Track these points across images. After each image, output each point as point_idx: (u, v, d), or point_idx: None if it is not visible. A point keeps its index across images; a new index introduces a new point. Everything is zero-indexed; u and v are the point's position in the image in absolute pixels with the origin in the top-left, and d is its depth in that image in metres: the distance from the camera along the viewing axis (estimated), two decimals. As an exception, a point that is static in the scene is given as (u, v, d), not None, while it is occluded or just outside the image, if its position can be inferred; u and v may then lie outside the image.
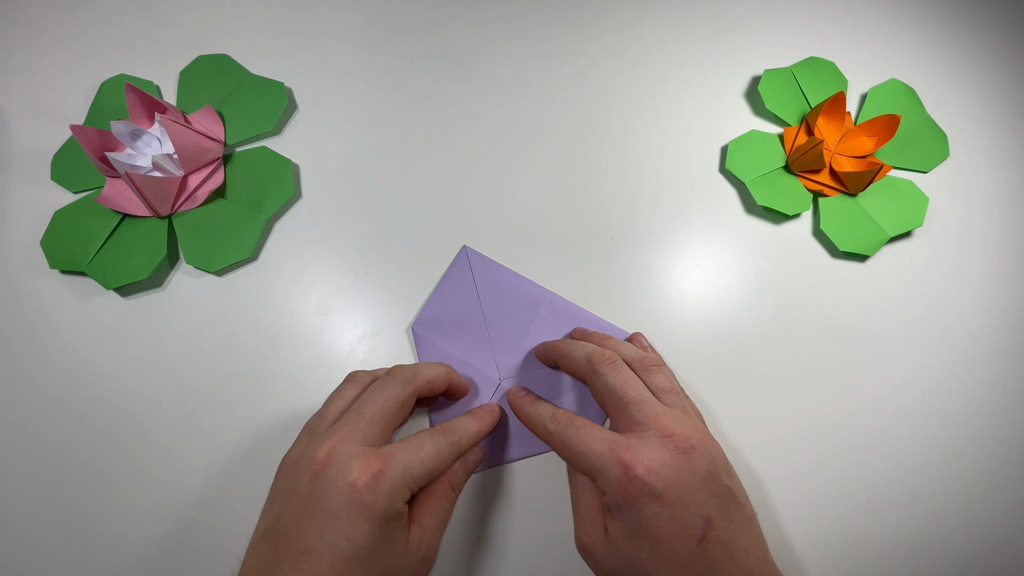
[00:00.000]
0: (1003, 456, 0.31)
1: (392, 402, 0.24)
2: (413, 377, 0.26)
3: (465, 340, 0.31)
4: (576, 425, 0.24)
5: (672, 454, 0.22)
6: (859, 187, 0.34)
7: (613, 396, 0.24)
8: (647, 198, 0.35)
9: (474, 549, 0.29)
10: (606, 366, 0.25)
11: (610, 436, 0.23)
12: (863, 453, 0.31)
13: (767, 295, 0.33)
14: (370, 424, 0.23)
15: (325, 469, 0.22)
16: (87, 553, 0.28)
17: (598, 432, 0.24)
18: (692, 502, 0.21)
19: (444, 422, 0.26)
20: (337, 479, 0.21)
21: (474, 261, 0.33)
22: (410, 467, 0.22)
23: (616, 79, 0.38)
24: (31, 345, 0.32)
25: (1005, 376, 0.33)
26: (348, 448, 0.22)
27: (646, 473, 0.21)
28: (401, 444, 0.23)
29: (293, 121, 0.37)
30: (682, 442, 0.22)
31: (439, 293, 0.32)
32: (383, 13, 0.39)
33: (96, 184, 0.34)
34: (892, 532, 0.30)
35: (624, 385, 0.24)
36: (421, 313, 0.32)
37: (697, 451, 0.22)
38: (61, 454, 0.30)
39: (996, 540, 0.30)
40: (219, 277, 0.33)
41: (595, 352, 0.26)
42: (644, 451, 0.22)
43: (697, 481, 0.22)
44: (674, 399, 0.25)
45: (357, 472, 0.21)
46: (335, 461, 0.22)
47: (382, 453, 0.22)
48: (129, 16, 0.39)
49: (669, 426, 0.23)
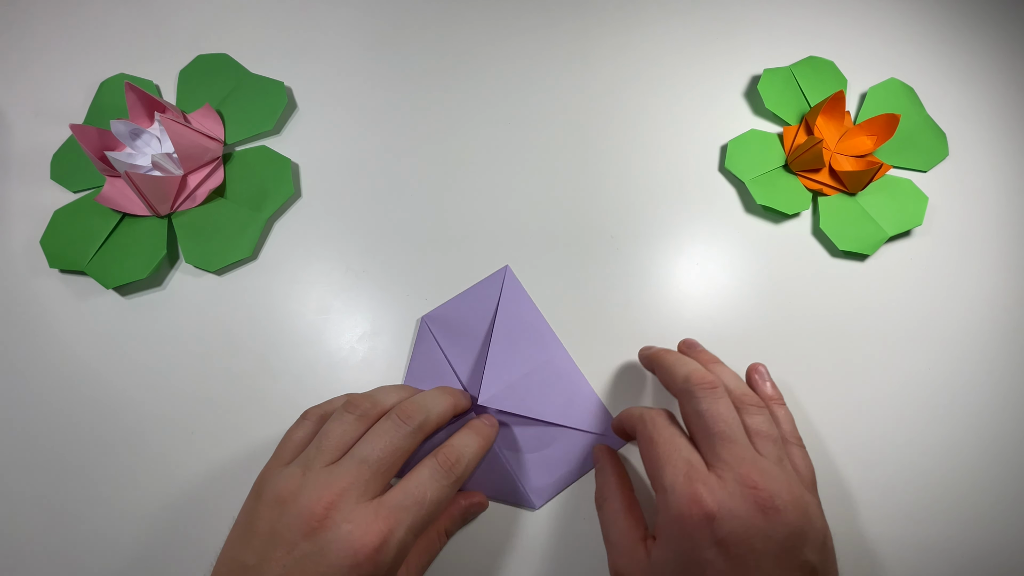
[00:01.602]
0: (1002, 455, 0.31)
1: (400, 452, 0.23)
2: (425, 422, 0.24)
3: (462, 352, 0.31)
4: (669, 431, 0.23)
5: (748, 508, 0.20)
6: (858, 186, 0.34)
7: (702, 424, 0.22)
8: (647, 197, 0.35)
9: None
10: (703, 390, 0.23)
11: (692, 458, 0.21)
12: (862, 452, 0.31)
13: (766, 294, 0.33)
14: (374, 476, 0.22)
15: (324, 529, 0.20)
16: (86, 553, 0.28)
17: (686, 449, 0.22)
18: (756, 568, 0.19)
19: (442, 447, 0.24)
20: (339, 544, 0.20)
21: (508, 284, 0.32)
22: (414, 526, 0.21)
23: (616, 78, 0.38)
24: (30, 344, 0.32)
25: (1004, 375, 0.33)
26: (349, 507, 0.21)
27: (717, 510, 0.19)
28: (402, 492, 0.22)
29: (293, 121, 0.37)
30: (764, 499, 0.20)
31: (462, 298, 0.32)
32: (383, 13, 0.39)
33: (96, 183, 0.34)
34: (892, 532, 0.30)
35: (716, 416, 0.22)
36: (437, 309, 0.32)
37: (780, 514, 0.20)
38: (59, 453, 0.30)
39: (996, 540, 0.30)
40: (219, 276, 0.33)
41: (696, 372, 0.24)
42: (720, 493, 0.20)
43: (769, 548, 0.19)
44: (769, 447, 0.22)
45: (361, 538, 0.20)
46: (336, 522, 0.20)
47: (383, 512, 0.21)
48: (129, 16, 0.39)
49: (754, 476, 0.20)
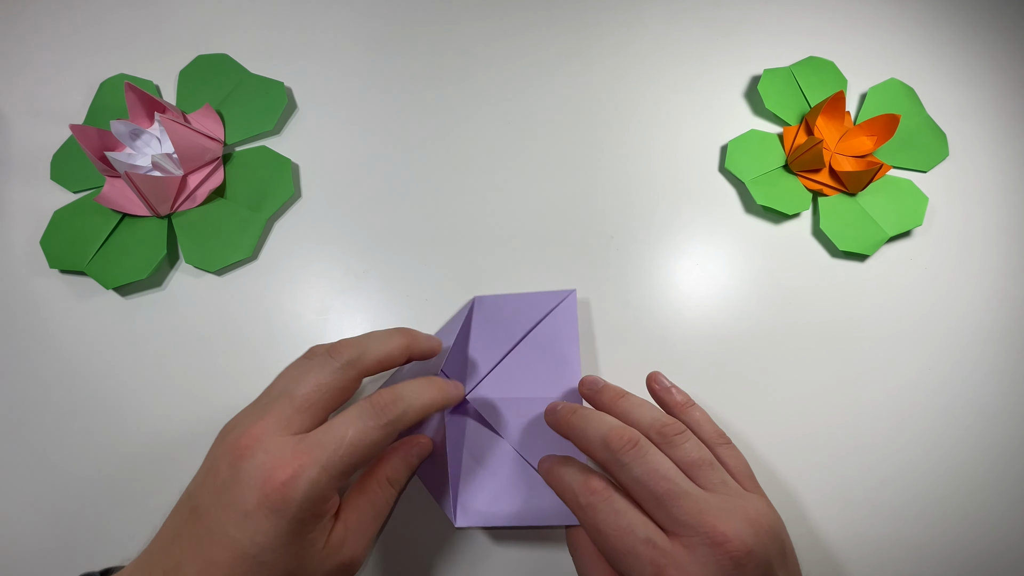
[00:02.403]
0: (1003, 455, 0.31)
1: (324, 388, 0.22)
2: (357, 359, 0.23)
3: (485, 344, 0.30)
4: (614, 508, 0.21)
5: (726, 570, 0.19)
6: (859, 187, 0.34)
7: (644, 490, 0.21)
8: (647, 197, 0.35)
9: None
10: (627, 453, 0.22)
11: (654, 538, 0.20)
12: (862, 452, 0.31)
13: (766, 295, 0.33)
14: (298, 412, 0.22)
15: (243, 458, 0.20)
16: (86, 554, 0.28)
17: (640, 527, 0.21)
18: None
19: (384, 390, 0.23)
20: (251, 474, 0.20)
21: (564, 306, 0.31)
22: (329, 464, 0.20)
23: (616, 79, 0.38)
24: (31, 344, 0.32)
25: (1005, 375, 0.33)
26: (269, 440, 0.21)
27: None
28: (323, 432, 0.21)
29: (293, 121, 0.37)
30: (736, 550, 0.19)
31: (518, 298, 0.31)
32: (383, 13, 0.39)
33: (96, 184, 0.34)
34: (892, 532, 0.30)
35: (652, 476, 0.21)
36: (491, 297, 0.31)
37: (753, 556, 0.20)
38: (60, 453, 0.30)
39: (996, 540, 0.30)
40: (219, 277, 0.33)
41: (612, 432, 0.22)
42: (692, 571, 0.19)
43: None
44: (709, 475, 0.22)
45: (271, 472, 0.20)
46: (254, 452, 0.20)
47: (300, 448, 0.20)
48: (129, 16, 0.39)
49: (719, 528, 0.20)
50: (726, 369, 0.32)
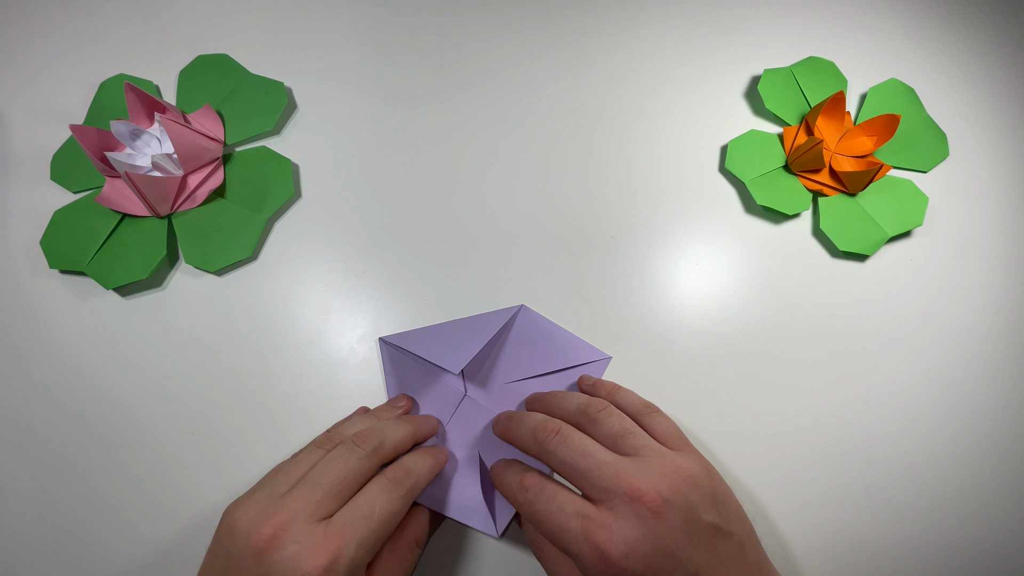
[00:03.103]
0: (1002, 456, 0.31)
1: (353, 475, 0.23)
2: (379, 447, 0.25)
3: (438, 347, 0.30)
4: (546, 496, 0.23)
5: (645, 522, 0.21)
6: (859, 187, 0.34)
7: (569, 470, 0.23)
8: (647, 198, 0.35)
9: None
10: (551, 441, 0.24)
11: (582, 510, 0.22)
12: (862, 452, 0.31)
13: (767, 295, 0.33)
14: (325, 497, 0.22)
15: (271, 551, 0.20)
16: (87, 552, 0.28)
17: (569, 504, 0.22)
18: (676, 567, 0.21)
19: (394, 465, 0.25)
20: (285, 564, 0.20)
21: (521, 317, 0.32)
22: (364, 542, 0.21)
23: (616, 79, 0.38)
24: (31, 345, 0.32)
25: (1004, 376, 0.33)
26: (297, 528, 0.20)
27: (623, 558, 0.20)
28: (351, 511, 0.22)
29: (293, 121, 0.37)
30: (652, 500, 0.21)
31: (444, 326, 0.32)
32: (383, 13, 0.39)
33: (96, 184, 0.34)
34: (892, 532, 0.30)
35: (574, 454, 0.23)
36: (398, 335, 0.31)
37: (670, 503, 0.21)
38: (60, 454, 0.30)
39: (996, 540, 0.30)
40: (219, 277, 0.33)
41: (537, 427, 0.24)
42: (616, 529, 0.21)
43: (676, 541, 0.21)
44: (631, 441, 0.24)
45: (307, 560, 0.20)
46: (283, 543, 0.20)
47: (332, 531, 0.21)
48: (129, 16, 0.39)
49: (634, 484, 0.21)
50: (726, 369, 0.32)
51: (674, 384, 0.31)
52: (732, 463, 0.30)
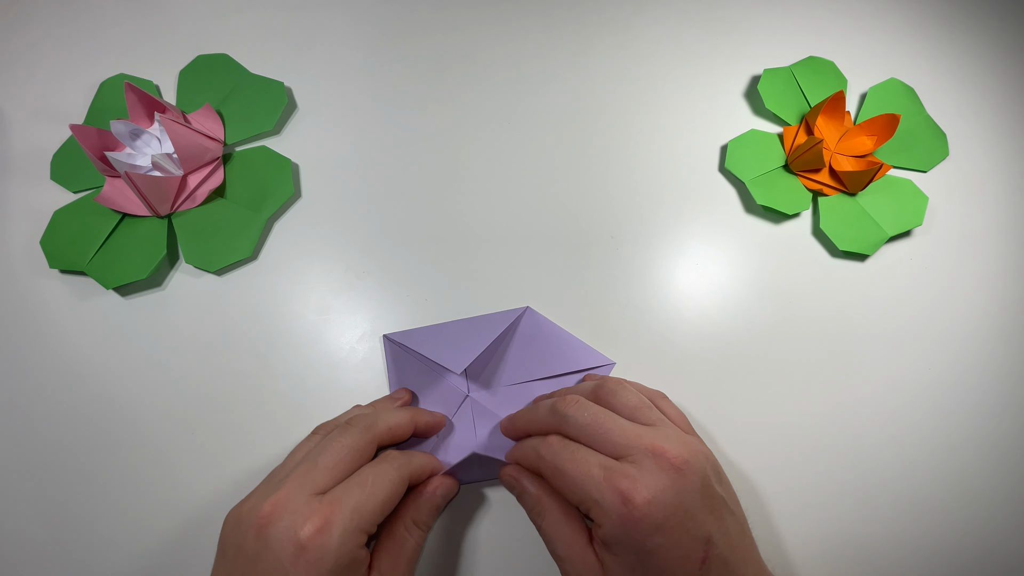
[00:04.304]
0: (1002, 456, 0.31)
1: (348, 449, 0.23)
2: (372, 424, 0.25)
3: (442, 346, 0.31)
4: (570, 449, 0.23)
5: (669, 476, 0.21)
6: (859, 186, 0.34)
7: (590, 433, 0.23)
8: (647, 198, 0.35)
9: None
10: (571, 408, 0.24)
11: (605, 462, 0.22)
12: (862, 452, 0.31)
13: (767, 294, 0.33)
14: (322, 473, 0.22)
15: (269, 524, 0.21)
16: (87, 552, 0.28)
17: (592, 456, 0.22)
18: (693, 525, 0.21)
19: (389, 450, 0.25)
20: (282, 536, 0.20)
21: (526, 318, 0.32)
22: (359, 507, 0.21)
23: (616, 79, 0.38)
24: (31, 345, 0.32)
25: (1004, 375, 0.33)
26: (294, 501, 0.21)
27: (646, 504, 0.20)
28: (346, 483, 0.22)
29: (293, 121, 0.37)
30: (675, 459, 0.21)
31: (450, 324, 0.32)
32: (384, 13, 0.39)
33: (96, 184, 0.34)
34: (892, 532, 0.30)
35: (595, 419, 0.23)
36: (402, 332, 0.32)
37: (691, 464, 0.22)
38: (60, 454, 0.30)
39: (995, 540, 0.30)
40: (219, 277, 0.33)
41: (556, 400, 0.25)
42: (642, 478, 0.21)
43: (695, 501, 0.21)
44: (648, 414, 0.24)
45: (302, 526, 0.20)
46: (280, 516, 0.21)
47: (327, 500, 0.21)
48: (129, 16, 0.39)
49: (657, 443, 0.22)
50: (726, 368, 0.32)
51: (674, 384, 0.31)
52: (732, 462, 0.30)
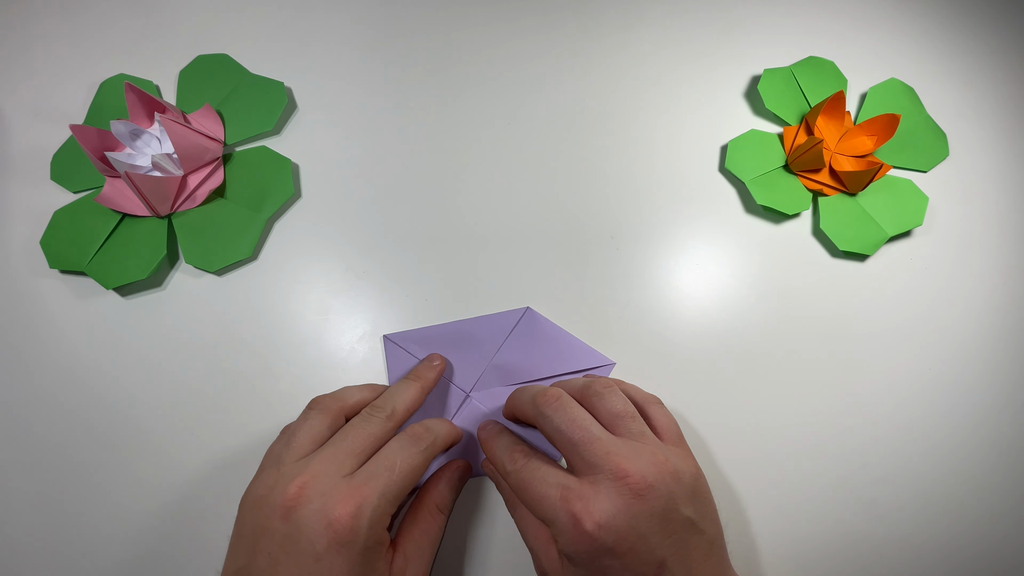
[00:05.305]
0: (1002, 456, 0.31)
1: (372, 437, 0.24)
2: (394, 412, 0.25)
3: (444, 351, 0.31)
4: (531, 467, 0.23)
5: (625, 500, 0.21)
6: (859, 186, 0.34)
7: (562, 438, 0.23)
8: (647, 198, 0.35)
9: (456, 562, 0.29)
10: (549, 407, 0.24)
11: (564, 481, 0.22)
12: (861, 452, 0.31)
13: (767, 294, 0.33)
14: (347, 457, 0.23)
15: (298, 507, 0.21)
16: (87, 552, 0.28)
17: (552, 475, 0.23)
18: (645, 549, 0.21)
19: (415, 424, 0.25)
20: (313, 518, 0.20)
21: (525, 320, 0.32)
22: (387, 492, 0.22)
23: (616, 79, 0.38)
24: (30, 345, 0.32)
25: (1004, 375, 0.33)
26: (322, 482, 0.21)
27: (596, 528, 0.21)
28: (372, 467, 0.23)
29: (293, 121, 0.37)
30: (636, 483, 0.21)
31: (451, 324, 0.32)
32: (384, 14, 0.39)
33: (96, 184, 0.34)
34: (891, 532, 0.30)
35: (570, 424, 0.23)
36: (404, 332, 0.32)
37: (653, 489, 0.21)
38: (59, 454, 0.30)
39: (995, 540, 0.30)
40: (219, 277, 0.33)
41: (539, 393, 0.25)
42: (596, 501, 0.21)
43: (651, 525, 0.21)
44: (629, 424, 0.24)
45: (333, 508, 0.20)
46: (309, 498, 0.21)
47: (356, 483, 0.22)
48: (129, 16, 0.39)
49: (622, 465, 0.22)
50: (726, 368, 0.32)
51: (673, 383, 0.31)
52: (731, 462, 0.30)
